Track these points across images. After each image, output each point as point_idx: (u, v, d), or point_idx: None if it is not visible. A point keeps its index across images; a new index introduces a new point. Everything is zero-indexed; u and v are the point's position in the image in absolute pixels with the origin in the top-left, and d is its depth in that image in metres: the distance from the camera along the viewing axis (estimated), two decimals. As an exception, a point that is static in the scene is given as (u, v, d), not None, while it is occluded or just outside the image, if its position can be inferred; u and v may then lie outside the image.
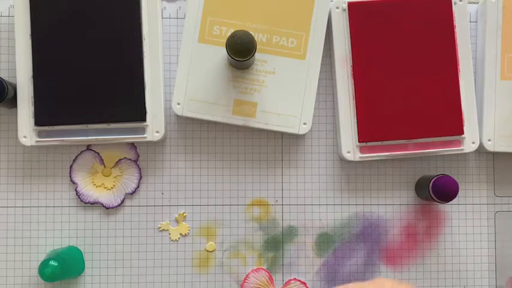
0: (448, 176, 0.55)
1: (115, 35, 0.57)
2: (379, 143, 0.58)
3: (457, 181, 0.55)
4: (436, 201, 0.56)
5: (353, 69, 0.58)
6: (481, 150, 0.61)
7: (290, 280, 0.40)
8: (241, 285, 0.56)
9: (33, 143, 0.57)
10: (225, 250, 0.60)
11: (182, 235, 0.60)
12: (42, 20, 0.57)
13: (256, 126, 0.57)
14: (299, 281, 0.39)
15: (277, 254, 0.60)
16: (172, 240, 0.60)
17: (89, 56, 0.57)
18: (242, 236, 0.60)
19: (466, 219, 0.61)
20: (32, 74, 0.57)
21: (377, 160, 0.60)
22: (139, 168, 0.60)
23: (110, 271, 0.59)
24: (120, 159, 0.59)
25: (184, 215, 0.60)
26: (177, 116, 0.59)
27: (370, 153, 0.58)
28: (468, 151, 0.59)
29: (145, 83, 0.57)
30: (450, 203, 0.59)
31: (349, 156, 0.58)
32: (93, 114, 0.57)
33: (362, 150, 0.59)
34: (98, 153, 0.59)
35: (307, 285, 0.57)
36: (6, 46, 0.60)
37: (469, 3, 0.61)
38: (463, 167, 0.62)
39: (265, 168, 0.60)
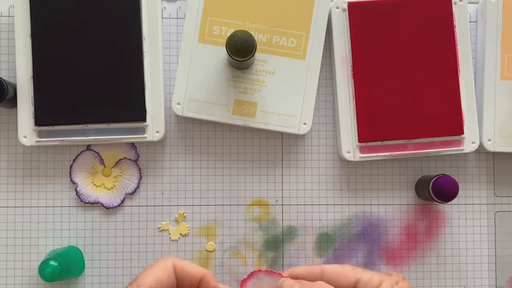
0: (448, 176, 0.55)
1: (115, 35, 0.57)
2: (379, 143, 0.58)
3: (457, 181, 0.55)
4: (436, 201, 0.56)
5: (353, 69, 0.58)
6: (481, 150, 0.61)
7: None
8: None
9: (33, 143, 0.57)
10: (225, 250, 0.60)
11: (182, 235, 0.60)
12: (42, 20, 0.57)
13: (256, 126, 0.57)
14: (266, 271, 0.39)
15: (277, 254, 0.60)
16: (172, 240, 0.60)
17: (89, 56, 0.57)
18: (242, 236, 0.60)
19: (466, 219, 0.61)
20: (32, 74, 0.57)
21: (377, 160, 0.60)
22: (139, 168, 0.60)
23: (110, 271, 0.59)
24: (120, 159, 0.59)
25: (184, 215, 0.60)
26: (177, 116, 0.59)
27: (370, 153, 0.58)
28: (468, 151, 0.59)
29: (145, 83, 0.57)
30: (450, 203, 0.58)
31: (349, 156, 0.58)
32: (93, 114, 0.57)
33: (362, 150, 0.59)
34: (98, 153, 0.59)
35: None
36: (6, 46, 0.60)
37: (469, 3, 0.61)
38: (463, 167, 0.62)
39: (265, 168, 0.60)
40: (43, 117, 0.57)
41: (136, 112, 0.57)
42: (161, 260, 0.36)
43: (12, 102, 0.57)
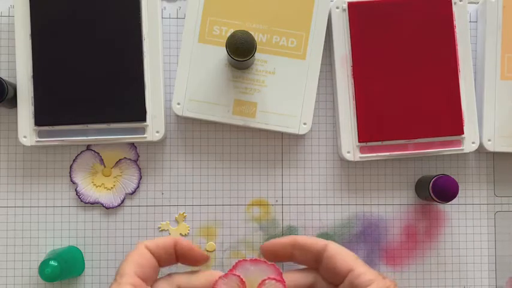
0: (448, 176, 0.55)
1: (115, 35, 0.57)
2: (379, 143, 0.58)
3: (457, 181, 0.55)
4: (436, 201, 0.56)
5: (353, 69, 0.58)
6: (481, 150, 0.61)
7: (264, 280, 0.38)
8: None
9: (33, 143, 0.57)
10: (225, 250, 0.60)
11: (182, 235, 0.60)
12: (42, 20, 0.57)
13: (256, 126, 0.57)
14: (274, 279, 0.39)
15: (277, 254, 0.60)
16: (172, 240, 0.60)
17: (89, 56, 0.57)
18: (242, 236, 0.60)
19: (466, 219, 0.61)
20: (32, 74, 0.57)
21: (377, 160, 0.60)
22: (139, 168, 0.60)
23: (110, 271, 0.59)
24: (120, 159, 0.59)
25: (184, 215, 0.60)
26: (177, 116, 0.59)
27: (370, 153, 0.58)
28: (468, 151, 0.59)
29: (145, 83, 0.57)
30: (450, 203, 0.58)
31: (349, 156, 0.58)
32: (93, 114, 0.57)
33: (362, 150, 0.59)
34: (98, 153, 0.59)
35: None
36: (6, 46, 0.60)
37: (469, 3, 0.61)
38: (463, 167, 0.62)
39: (265, 168, 0.60)
40: (43, 117, 0.57)
41: (136, 112, 0.57)
42: (134, 249, 0.38)
43: (12, 102, 0.57)
